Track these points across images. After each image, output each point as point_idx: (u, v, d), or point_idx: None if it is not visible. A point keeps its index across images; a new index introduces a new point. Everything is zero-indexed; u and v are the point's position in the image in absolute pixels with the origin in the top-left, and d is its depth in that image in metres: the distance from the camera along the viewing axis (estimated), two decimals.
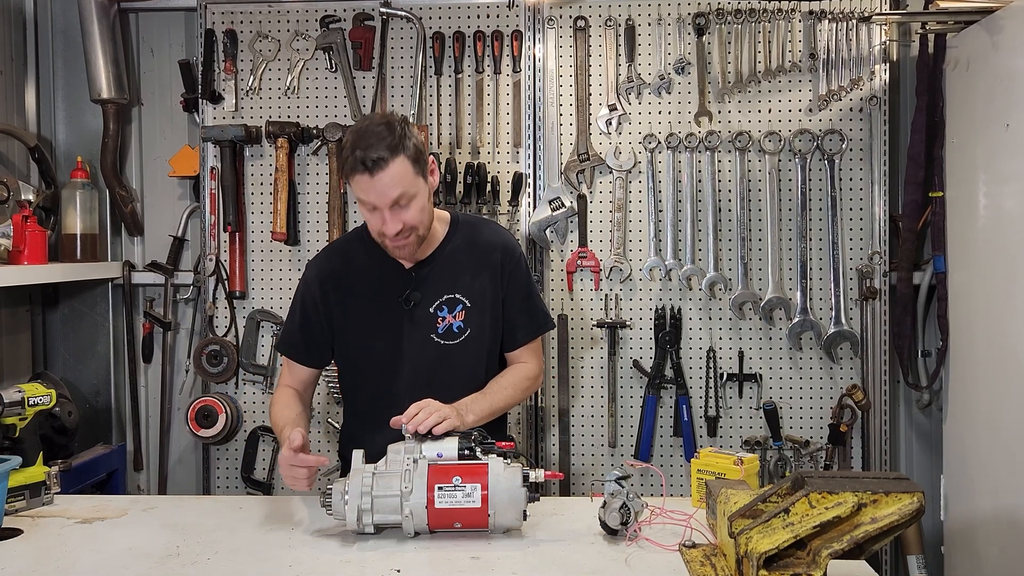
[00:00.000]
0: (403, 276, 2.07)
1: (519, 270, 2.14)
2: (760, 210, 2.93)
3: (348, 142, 1.90)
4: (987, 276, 2.57)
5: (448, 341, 2.07)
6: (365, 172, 1.86)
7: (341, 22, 3.00)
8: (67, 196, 2.97)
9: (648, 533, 1.72)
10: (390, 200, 1.89)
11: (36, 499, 1.94)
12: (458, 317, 2.07)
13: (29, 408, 1.97)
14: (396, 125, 1.89)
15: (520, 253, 2.17)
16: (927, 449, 3.03)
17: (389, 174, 1.86)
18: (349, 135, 1.92)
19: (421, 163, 1.93)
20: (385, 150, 1.85)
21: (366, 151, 1.85)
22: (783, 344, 2.93)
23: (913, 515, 1.34)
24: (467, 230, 2.13)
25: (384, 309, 2.07)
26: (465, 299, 2.07)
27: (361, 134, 1.89)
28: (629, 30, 2.94)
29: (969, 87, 2.65)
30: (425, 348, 2.06)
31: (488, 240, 2.13)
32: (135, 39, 3.15)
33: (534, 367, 2.18)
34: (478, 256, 2.10)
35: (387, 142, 1.86)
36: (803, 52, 2.92)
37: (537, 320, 2.17)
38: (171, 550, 1.69)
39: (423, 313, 2.06)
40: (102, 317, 3.11)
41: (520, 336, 2.15)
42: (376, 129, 1.88)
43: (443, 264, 2.08)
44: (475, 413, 1.96)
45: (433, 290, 2.07)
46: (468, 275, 2.08)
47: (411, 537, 1.73)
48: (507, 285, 2.11)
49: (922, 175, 2.85)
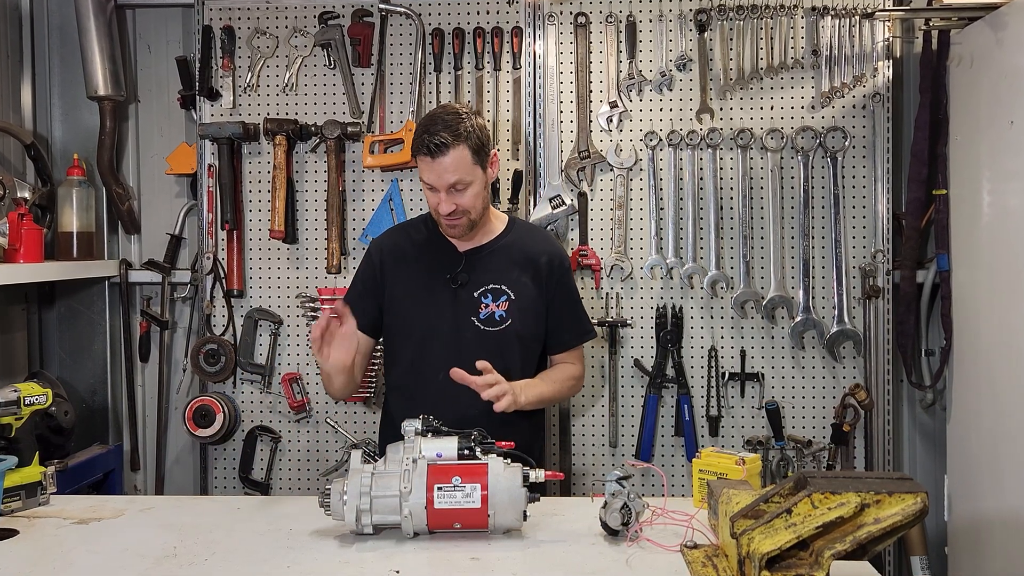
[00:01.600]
0: (455, 257, 2.23)
1: (566, 278, 2.30)
2: (762, 208, 2.92)
3: (419, 125, 2.10)
4: (991, 274, 2.56)
5: (488, 327, 2.19)
6: (427, 154, 2.04)
7: (340, 18, 2.99)
8: (63, 194, 2.95)
9: (649, 534, 1.72)
10: (447, 183, 2.06)
11: (32, 499, 1.94)
12: (501, 307, 2.19)
13: (25, 408, 1.96)
14: (463, 115, 2.07)
15: (568, 264, 2.33)
16: (931, 449, 3.02)
17: (449, 159, 2.04)
18: (421, 120, 2.13)
19: (482, 154, 2.10)
20: (448, 136, 2.03)
21: (432, 135, 2.03)
22: (785, 343, 2.92)
23: (917, 516, 1.33)
24: (522, 232, 2.31)
25: (433, 285, 2.21)
26: (510, 291, 2.20)
27: (431, 118, 2.08)
28: (630, 26, 2.93)
29: (973, 84, 2.64)
30: (465, 329, 2.19)
31: (539, 245, 2.29)
32: (132, 35, 3.15)
33: (579, 369, 2.35)
34: (528, 256, 2.25)
35: (452, 129, 2.03)
36: (805, 48, 2.90)
37: (584, 326, 2.35)
38: (168, 551, 1.68)
39: (468, 296, 2.20)
40: (99, 316, 3.10)
41: (567, 338, 2.31)
42: (444, 116, 2.06)
43: (494, 255, 2.23)
44: (528, 396, 2.12)
45: (481, 276, 2.21)
46: (516, 270, 2.22)
47: (410, 538, 1.72)
48: (554, 290, 2.26)
49: (926, 172, 2.83)
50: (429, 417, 1.83)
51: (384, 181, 2.99)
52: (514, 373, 2.16)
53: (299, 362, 3.02)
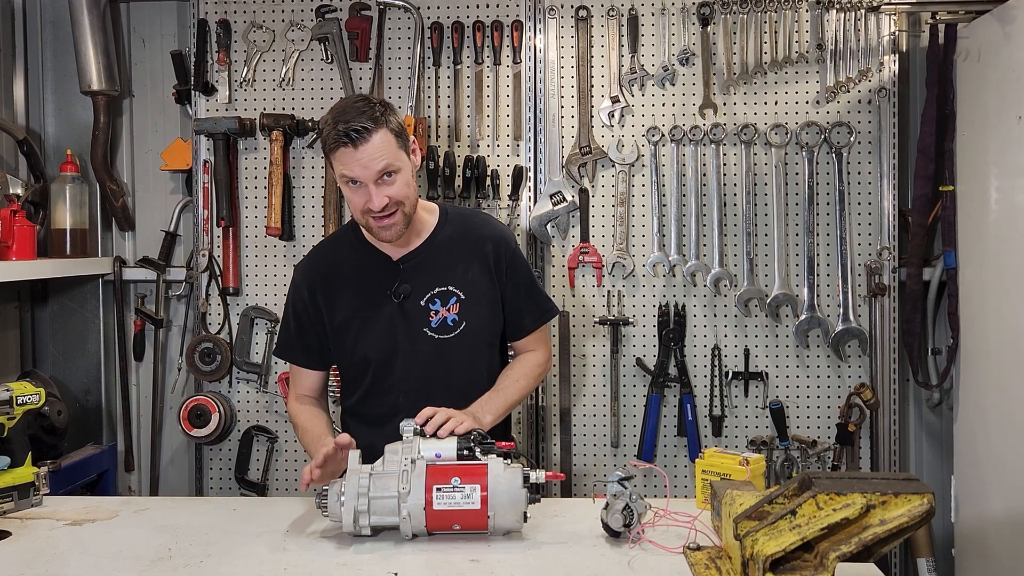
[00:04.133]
0: (391, 268, 2.05)
1: (516, 260, 2.12)
2: (766, 204, 2.90)
3: (328, 119, 1.90)
4: (999, 272, 2.56)
5: (443, 335, 2.03)
6: (348, 144, 1.85)
7: (337, 12, 2.97)
8: (56, 190, 2.94)
9: (651, 535, 1.70)
10: (375, 172, 1.87)
11: (25, 500, 1.92)
12: (452, 310, 2.03)
13: (17, 407, 1.94)
14: (374, 101, 1.91)
15: (515, 243, 2.15)
16: (937, 449, 3.01)
17: (373, 145, 1.86)
18: (328, 114, 1.92)
19: (403, 138, 1.94)
20: (368, 121, 1.86)
21: (348, 123, 1.85)
22: (790, 342, 2.91)
23: (923, 517, 1.31)
24: (457, 221, 2.11)
25: (375, 304, 2.04)
26: (459, 291, 2.04)
27: (341, 110, 1.90)
28: (632, 20, 2.92)
29: (980, 78, 2.64)
30: (419, 343, 2.03)
31: (479, 231, 2.10)
32: (126, 29, 3.14)
33: (542, 354, 2.18)
34: (469, 247, 2.07)
35: (368, 114, 1.87)
36: (810, 42, 2.89)
37: (542, 306, 2.17)
38: (163, 552, 1.67)
39: (414, 306, 2.03)
40: (92, 314, 3.09)
41: (527, 323, 2.14)
42: (356, 104, 1.90)
43: (433, 255, 2.06)
44: (492, 413, 1.97)
45: (423, 282, 2.04)
46: (460, 266, 2.06)
47: (409, 539, 1.71)
48: (505, 276, 2.09)
49: (932, 169, 2.83)
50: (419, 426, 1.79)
51: None
52: (481, 375, 2.06)
53: None
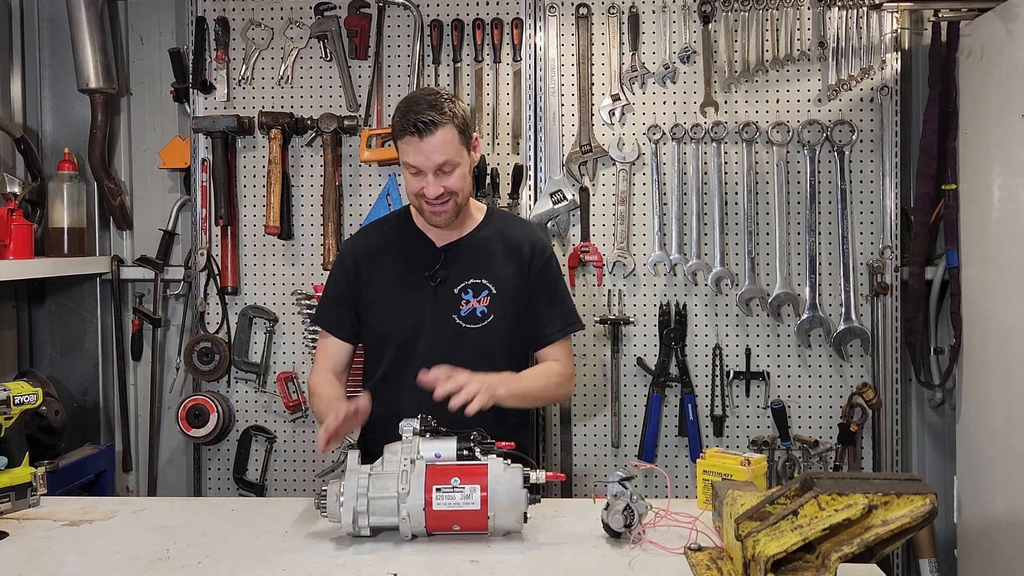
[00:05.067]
0: (433, 253, 2.16)
1: (549, 268, 2.21)
2: (768, 203, 2.89)
3: (399, 108, 2.04)
4: (1002, 271, 2.55)
5: (470, 325, 2.12)
6: (415, 134, 1.98)
7: (336, 9, 2.96)
8: (54, 189, 2.93)
9: (652, 536, 1.71)
10: (435, 164, 2.00)
11: (22, 501, 1.92)
12: (482, 302, 2.13)
13: (15, 407, 1.94)
14: (445, 96, 2.04)
15: (551, 252, 2.24)
16: (940, 449, 3.01)
17: (437, 139, 1.98)
18: (400, 103, 2.06)
19: (466, 135, 2.06)
20: (436, 115, 1.98)
21: (418, 114, 1.97)
22: (791, 341, 2.90)
23: (925, 517, 1.32)
24: (500, 222, 2.23)
25: (410, 285, 2.15)
26: (491, 285, 2.14)
27: (413, 100, 2.04)
28: (633, 17, 2.91)
29: (983, 76, 2.63)
30: (445, 327, 2.12)
31: (519, 234, 2.22)
32: (124, 27, 3.12)
33: (566, 367, 2.22)
34: (508, 247, 2.18)
35: (438, 109, 1.99)
36: (812, 40, 2.88)
37: (567, 318, 2.22)
38: (161, 553, 1.67)
39: (447, 293, 2.13)
40: (90, 313, 3.08)
41: (550, 332, 2.20)
42: (428, 97, 2.02)
43: (473, 248, 2.17)
44: (509, 390, 1.97)
45: (460, 272, 2.14)
46: (496, 263, 2.16)
47: (408, 540, 1.71)
48: (535, 280, 2.18)
49: (935, 167, 2.82)
50: (428, 417, 1.81)
51: (381, 176, 2.96)
52: (499, 371, 2.06)
53: (294, 361, 2.99)
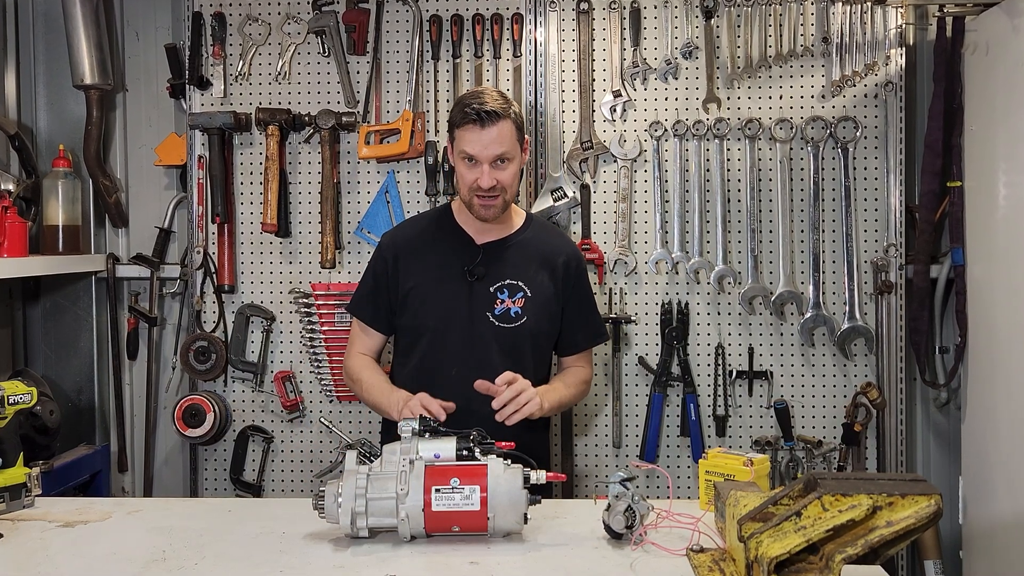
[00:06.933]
0: (473, 250, 2.22)
1: (582, 279, 2.32)
2: (771, 200, 2.88)
3: (461, 99, 2.15)
4: (1008, 269, 2.55)
5: (503, 324, 2.19)
6: (477, 123, 2.06)
7: (334, 4, 2.95)
8: (48, 186, 2.92)
9: (654, 537, 1.70)
10: (492, 155, 2.08)
11: (16, 502, 1.91)
12: (517, 303, 2.20)
13: (9, 407, 1.93)
14: (505, 94, 2.14)
15: (585, 264, 2.36)
16: (945, 449, 3.01)
17: (497, 129, 2.07)
18: (463, 95, 2.17)
19: (522, 134, 2.16)
20: (499, 107, 2.08)
21: (481, 105, 2.06)
22: (795, 340, 2.89)
23: (930, 518, 1.31)
24: (539, 229, 2.32)
25: (447, 279, 2.21)
26: (527, 288, 2.21)
27: (476, 92, 2.14)
28: (634, 13, 2.89)
29: (989, 72, 2.63)
30: (479, 325, 2.18)
31: (557, 244, 2.31)
32: (119, 22, 3.11)
33: (589, 372, 2.37)
34: (545, 255, 2.25)
35: (500, 102, 2.09)
36: (816, 36, 2.87)
37: (597, 329, 2.37)
38: (157, 555, 1.66)
39: (483, 290, 2.19)
40: (85, 312, 3.06)
41: (579, 340, 2.33)
42: (490, 92, 2.13)
43: (512, 250, 2.24)
44: (550, 402, 2.12)
45: (498, 271, 2.20)
46: (533, 267, 2.23)
47: (407, 541, 1.69)
48: (570, 291, 2.27)
49: (939, 164, 2.81)
50: (427, 417, 1.82)
51: (380, 173, 2.95)
52: (526, 372, 2.13)
53: (292, 360, 2.98)
